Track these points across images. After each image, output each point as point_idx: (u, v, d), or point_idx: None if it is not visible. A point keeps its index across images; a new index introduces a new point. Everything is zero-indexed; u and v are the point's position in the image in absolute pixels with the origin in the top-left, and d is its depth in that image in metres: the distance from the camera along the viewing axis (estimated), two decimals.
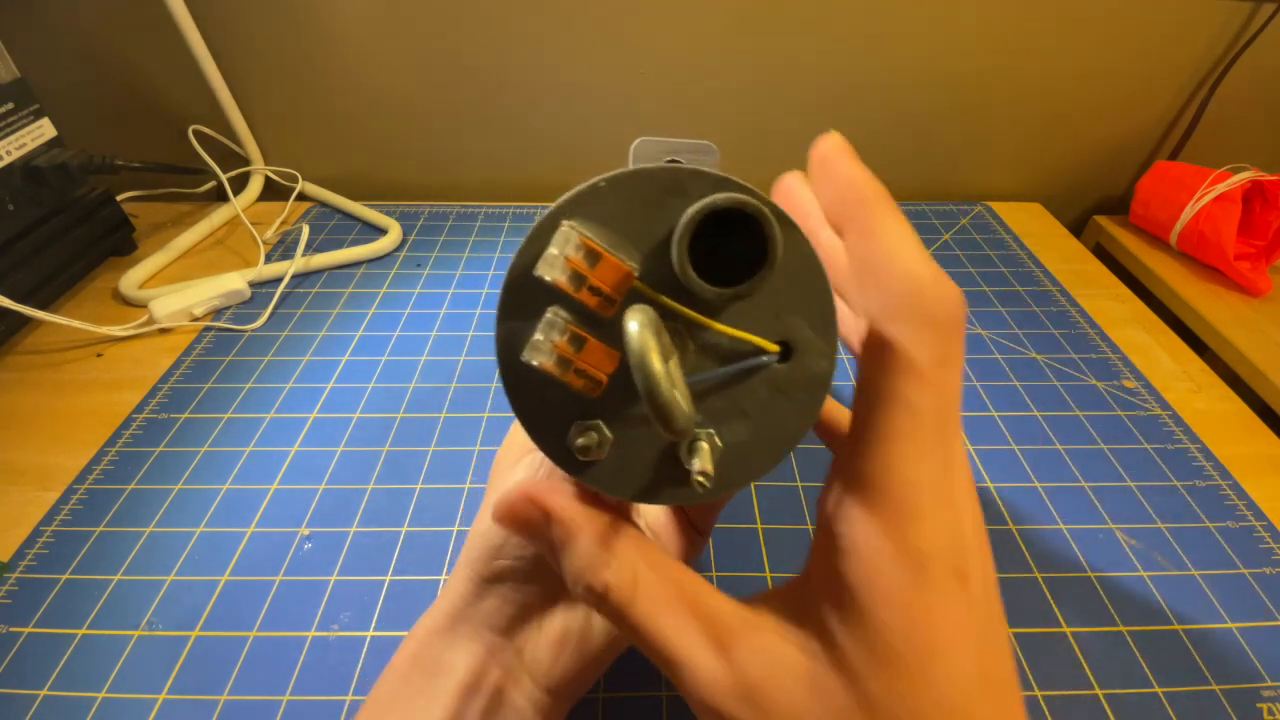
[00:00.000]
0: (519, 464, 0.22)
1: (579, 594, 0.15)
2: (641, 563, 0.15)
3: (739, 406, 0.15)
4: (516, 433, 0.23)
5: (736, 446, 0.15)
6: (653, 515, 0.24)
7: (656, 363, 0.11)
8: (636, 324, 0.11)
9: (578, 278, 0.13)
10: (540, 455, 0.21)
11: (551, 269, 0.13)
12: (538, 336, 0.13)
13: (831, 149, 0.15)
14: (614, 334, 0.14)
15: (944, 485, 0.13)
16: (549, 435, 0.15)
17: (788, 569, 0.31)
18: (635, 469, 0.15)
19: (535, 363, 0.13)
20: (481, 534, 0.21)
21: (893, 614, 0.13)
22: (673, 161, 0.24)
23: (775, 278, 0.13)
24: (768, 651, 0.14)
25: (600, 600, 0.15)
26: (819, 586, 0.14)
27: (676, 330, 0.14)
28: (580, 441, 0.14)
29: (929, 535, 0.13)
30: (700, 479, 0.13)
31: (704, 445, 0.14)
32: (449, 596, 0.21)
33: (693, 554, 0.24)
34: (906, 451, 0.13)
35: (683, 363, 0.14)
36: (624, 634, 0.15)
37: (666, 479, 0.15)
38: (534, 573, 0.21)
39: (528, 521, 0.16)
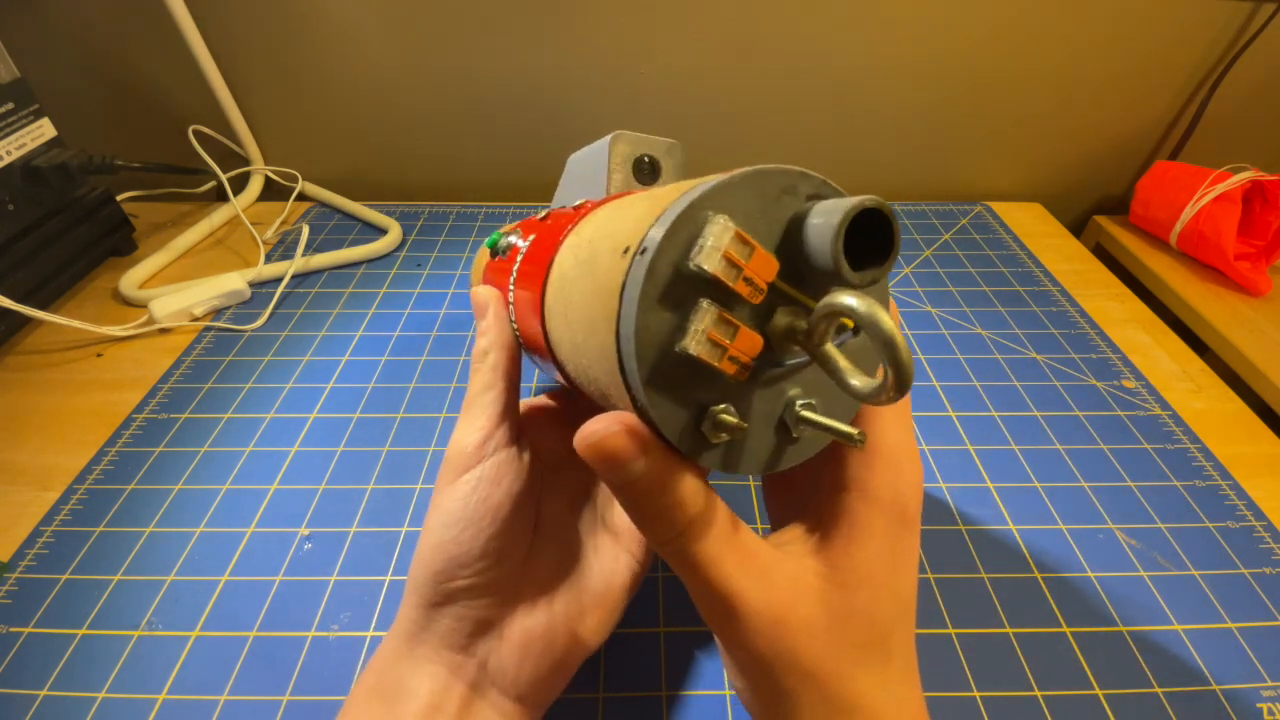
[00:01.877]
0: (457, 483, 0.21)
1: (651, 528, 0.16)
2: (712, 504, 0.17)
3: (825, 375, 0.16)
4: (450, 452, 0.22)
5: (827, 408, 0.16)
6: None
7: (899, 335, 0.12)
8: (862, 303, 0.12)
9: (733, 268, 0.13)
10: (477, 474, 0.21)
11: (710, 260, 0.13)
12: (697, 326, 0.13)
13: None
14: (754, 320, 0.15)
15: (912, 445, 0.18)
16: (677, 424, 0.15)
17: None
18: (746, 446, 0.16)
19: (694, 351, 0.13)
20: (425, 560, 0.21)
21: (882, 544, 0.17)
22: (645, 157, 0.25)
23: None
24: (793, 579, 0.17)
25: (677, 536, 0.16)
26: (829, 526, 0.18)
27: (796, 313, 0.15)
28: (729, 422, 0.15)
29: (906, 486, 0.18)
30: (859, 437, 0.15)
31: (808, 413, 0.16)
32: (402, 623, 0.21)
33: None
34: (890, 420, 0.18)
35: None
36: (683, 569, 0.17)
37: (769, 451, 0.16)
38: (485, 586, 0.20)
39: (616, 455, 0.15)
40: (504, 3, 0.54)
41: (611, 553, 0.24)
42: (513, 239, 0.25)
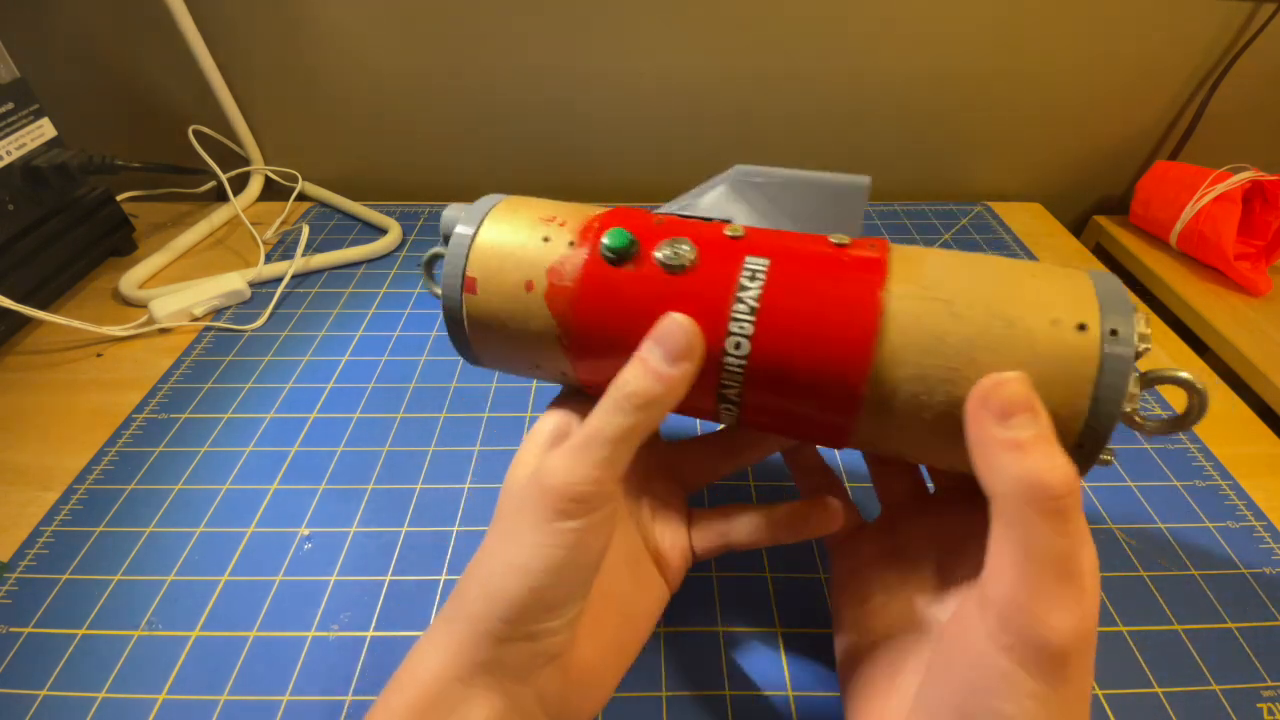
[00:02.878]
0: (558, 527, 0.19)
1: (1046, 486, 0.15)
2: None
3: None
4: (552, 483, 0.19)
5: None
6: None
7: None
8: (1174, 369, 0.19)
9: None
10: (583, 524, 0.19)
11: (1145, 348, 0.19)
12: (1136, 394, 0.19)
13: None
14: None
15: None
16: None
17: (791, 570, 0.31)
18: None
19: (1132, 415, 0.20)
20: (508, 596, 0.18)
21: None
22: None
23: None
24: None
25: (1068, 494, 0.15)
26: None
27: None
28: (1107, 459, 0.19)
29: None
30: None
31: None
32: (460, 647, 0.19)
33: None
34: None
35: None
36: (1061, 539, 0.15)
37: None
38: (564, 626, 0.19)
39: (1035, 406, 0.17)
40: (504, 4, 0.54)
41: (654, 581, 0.25)
42: (684, 248, 0.21)
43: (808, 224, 0.22)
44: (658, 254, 0.21)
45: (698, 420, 0.37)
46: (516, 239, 0.23)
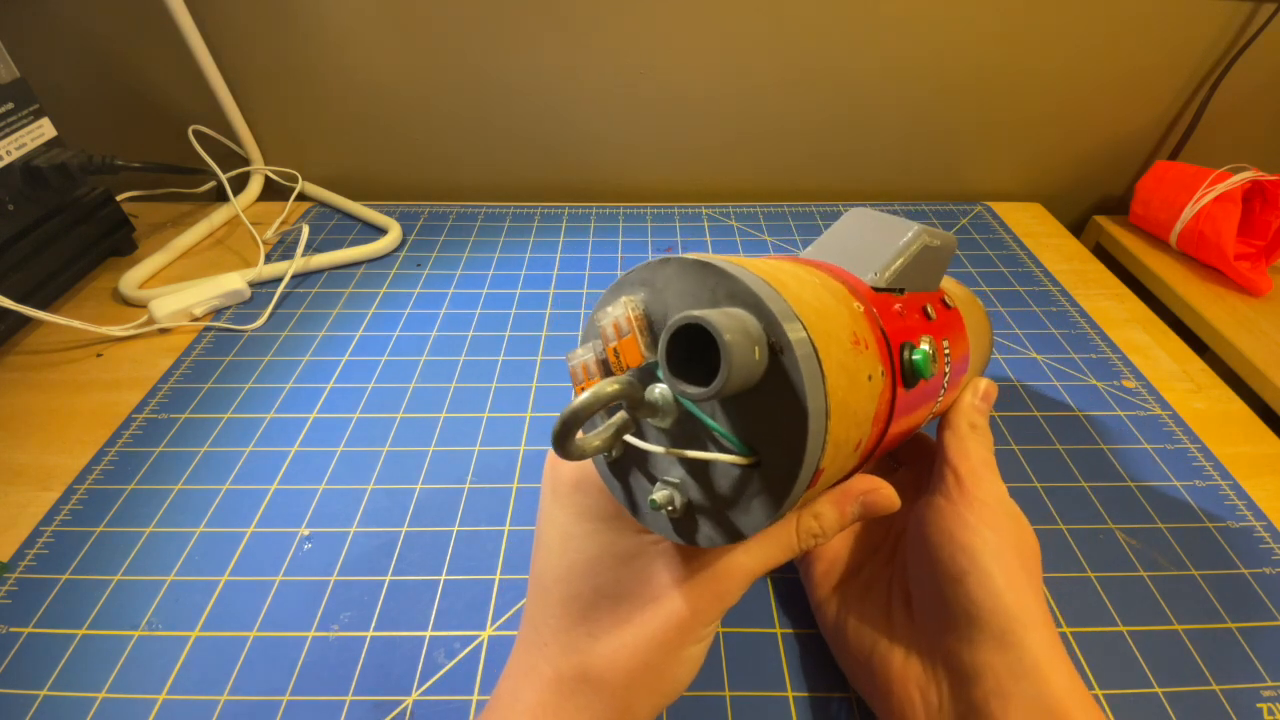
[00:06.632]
0: (709, 629, 0.20)
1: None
2: None
3: None
4: (732, 573, 0.20)
5: None
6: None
7: None
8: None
9: None
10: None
11: None
12: None
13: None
14: None
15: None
16: None
17: (791, 571, 0.31)
18: None
19: None
20: (685, 685, 0.20)
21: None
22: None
23: None
24: None
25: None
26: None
27: None
28: None
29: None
30: None
31: None
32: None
33: None
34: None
35: None
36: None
37: None
38: None
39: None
40: (504, 4, 0.54)
41: None
42: (934, 351, 0.21)
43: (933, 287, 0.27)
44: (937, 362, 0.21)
45: None
46: (855, 388, 0.15)
